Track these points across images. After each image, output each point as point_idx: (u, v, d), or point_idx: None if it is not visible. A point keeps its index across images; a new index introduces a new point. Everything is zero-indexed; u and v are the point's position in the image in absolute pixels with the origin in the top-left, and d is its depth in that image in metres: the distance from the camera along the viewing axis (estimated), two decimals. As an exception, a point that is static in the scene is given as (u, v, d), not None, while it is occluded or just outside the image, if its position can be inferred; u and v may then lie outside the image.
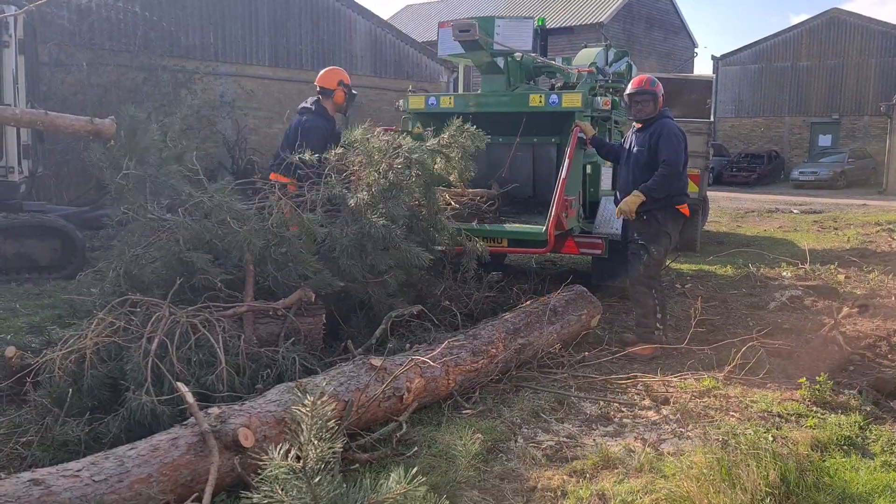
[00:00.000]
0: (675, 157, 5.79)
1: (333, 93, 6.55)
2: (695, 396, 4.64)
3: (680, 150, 5.86)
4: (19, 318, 6.38)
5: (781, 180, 30.65)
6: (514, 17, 7.98)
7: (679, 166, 5.84)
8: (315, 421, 2.09)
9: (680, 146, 5.86)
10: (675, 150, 5.80)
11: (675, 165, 5.78)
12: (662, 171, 5.76)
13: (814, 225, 15.22)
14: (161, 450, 3.06)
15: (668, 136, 5.84)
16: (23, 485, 2.70)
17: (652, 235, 5.87)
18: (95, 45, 14.28)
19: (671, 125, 5.94)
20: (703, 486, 3.21)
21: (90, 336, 4.01)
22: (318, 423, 2.09)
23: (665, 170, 5.76)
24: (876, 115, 29.66)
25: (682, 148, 5.90)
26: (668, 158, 5.77)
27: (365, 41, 20.35)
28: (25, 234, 8.18)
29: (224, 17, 17.07)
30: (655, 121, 5.96)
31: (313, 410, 2.10)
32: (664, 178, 5.76)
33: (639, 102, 6.01)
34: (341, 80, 6.58)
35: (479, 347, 4.79)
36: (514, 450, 3.88)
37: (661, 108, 6.02)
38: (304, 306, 4.93)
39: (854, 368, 5.26)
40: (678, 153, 5.83)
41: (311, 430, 2.09)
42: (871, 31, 31.71)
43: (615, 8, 33.41)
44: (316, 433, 2.09)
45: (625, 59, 9.30)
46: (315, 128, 6.29)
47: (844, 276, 8.59)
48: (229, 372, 3.97)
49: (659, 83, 6.07)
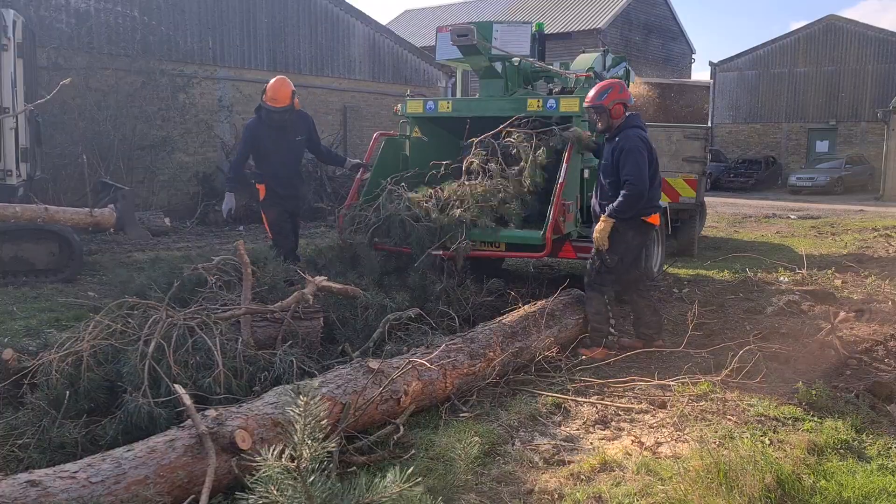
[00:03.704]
0: (638, 174, 5.54)
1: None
2: (692, 400, 4.64)
3: (642, 166, 5.59)
4: (16, 321, 6.37)
5: (779, 186, 30.70)
6: (512, 22, 8.01)
7: (642, 184, 5.57)
8: (308, 420, 2.10)
9: (642, 161, 5.60)
10: (636, 167, 5.54)
11: (637, 184, 5.53)
12: (625, 191, 5.55)
13: (811, 230, 15.24)
14: (158, 451, 3.06)
15: (629, 151, 5.58)
16: (20, 486, 2.70)
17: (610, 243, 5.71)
18: (94, 50, 14.29)
19: (633, 138, 5.65)
20: (700, 490, 3.21)
21: (87, 339, 4.02)
22: (311, 423, 2.09)
23: (628, 190, 5.54)
24: (873, 121, 29.75)
25: (646, 161, 5.63)
26: (630, 178, 5.54)
27: (363, 46, 20.38)
28: (23, 238, 8.17)
29: (222, 22, 17.09)
30: (620, 132, 5.74)
31: (306, 410, 2.10)
32: (628, 198, 5.55)
33: (593, 115, 5.86)
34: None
35: (476, 351, 4.79)
36: (511, 453, 3.88)
37: (623, 118, 5.76)
38: (302, 309, 4.93)
39: (851, 372, 5.26)
40: (640, 169, 5.56)
41: (304, 429, 2.09)
42: (867, 37, 31.82)
43: (613, 14, 33.51)
44: (309, 433, 2.09)
45: (622, 64, 9.33)
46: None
47: (841, 281, 8.61)
48: (226, 374, 3.97)
49: (615, 92, 5.79)
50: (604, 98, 5.77)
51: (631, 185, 5.54)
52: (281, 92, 6.42)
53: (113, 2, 15.00)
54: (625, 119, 5.80)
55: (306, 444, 2.08)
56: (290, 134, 6.65)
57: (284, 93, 6.43)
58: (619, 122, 5.79)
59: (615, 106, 5.76)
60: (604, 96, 5.77)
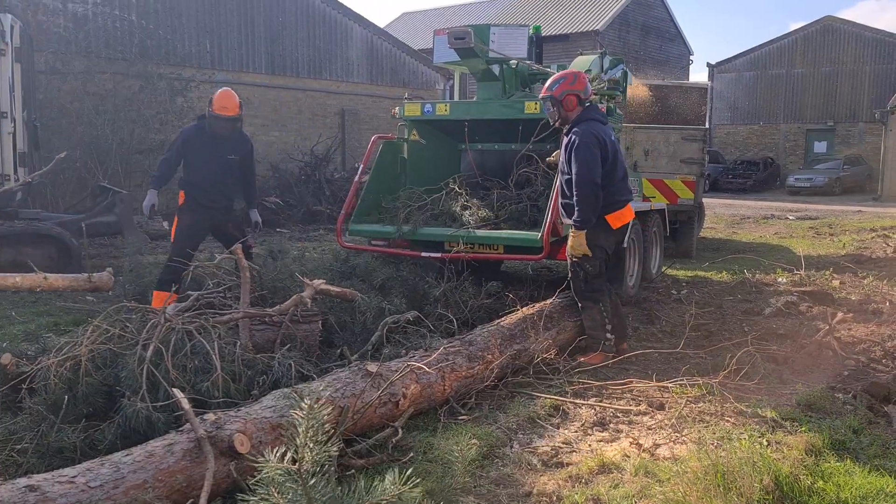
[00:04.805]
0: (586, 175, 5.26)
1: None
2: (690, 401, 4.64)
3: (592, 164, 5.28)
4: (15, 325, 6.37)
5: (777, 187, 30.76)
6: (509, 25, 8.03)
7: (593, 182, 5.28)
8: (311, 424, 2.10)
9: (590, 157, 5.28)
10: (583, 164, 5.26)
11: (587, 185, 5.26)
12: (577, 195, 5.32)
13: (809, 231, 15.26)
14: (157, 456, 3.06)
15: (577, 150, 5.29)
16: (18, 491, 2.69)
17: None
18: (92, 54, 14.30)
19: (584, 132, 5.33)
20: (699, 491, 3.21)
21: (85, 343, 4.02)
22: (314, 426, 2.10)
23: (578, 193, 5.31)
24: (871, 121, 29.80)
25: (596, 157, 5.31)
26: (578, 179, 5.28)
27: (361, 49, 20.40)
28: (21, 242, 8.18)
29: (220, 26, 17.11)
30: (573, 126, 5.44)
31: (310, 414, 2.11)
32: (582, 202, 5.30)
33: (549, 107, 5.55)
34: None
35: (474, 353, 4.80)
36: (509, 455, 3.88)
37: (576, 111, 5.49)
38: (301, 313, 4.94)
39: (849, 373, 5.27)
40: (589, 166, 5.26)
41: (307, 433, 2.10)
42: (864, 38, 31.89)
43: (611, 16, 33.57)
44: (312, 436, 2.09)
45: (620, 66, 9.35)
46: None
47: (839, 282, 8.62)
48: (225, 378, 3.97)
49: (566, 83, 5.48)
50: (554, 89, 5.50)
51: (579, 185, 5.29)
52: (231, 101, 6.26)
53: (111, 6, 15.03)
54: (580, 112, 5.51)
55: (308, 447, 2.08)
56: (226, 150, 6.39)
57: (234, 102, 6.28)
58: (573, 114, 5.51)
59: (567, 97, 5.47)
60: (554, 87, 5.51)
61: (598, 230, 5.49)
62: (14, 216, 8.38)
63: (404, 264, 6.86)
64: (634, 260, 7.80)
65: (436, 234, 7.03)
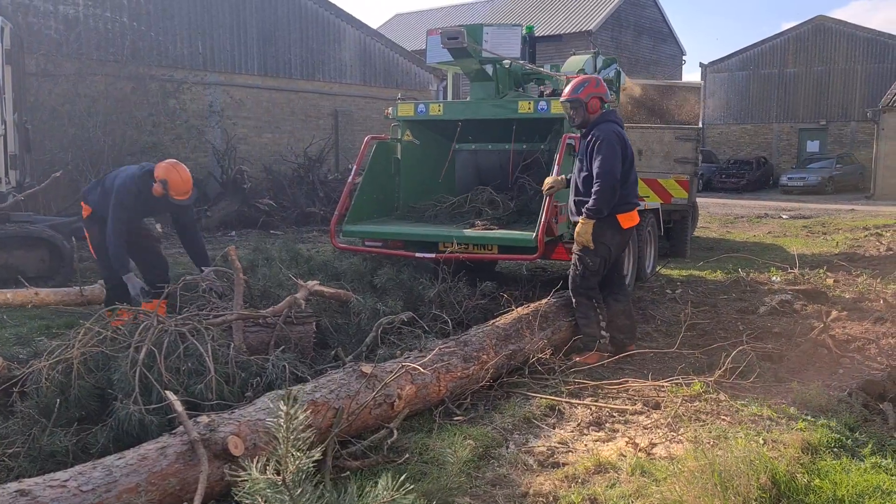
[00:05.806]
0: (609, 169, 5.45)
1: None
2: (686, 401, 4.64)
3: (614, 160, 5.49)
4: (6, 328, 6.33)
5: (770, 186, 30.84)
6: (502, 25, 8.01)
7: (614, 177, 5.48)
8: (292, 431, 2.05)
9: (614, 154, 5.50)
10: (608, 160, 5.46)
11: (609, 178, 5.45)
12: (597, 186, 5.48)
13: (803, 230, 15.30)
14: (149, 459, 3.03)
15: (601, 145, 5.50)
16: (9, 495, 2.67)
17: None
18: (83, 56, 14.23)
19: (607, 131, 5.56)
20: (695, 490, 3.20)
21: (77, 346, 3.99)
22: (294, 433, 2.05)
23: (598, 184, 5.46)
24: (863, 120, 29.91)
25: (618, 155, 5.53)
26: (600, 171, 5.45)
27: (354, 50, 20.36)
28: (13, 245, 8.13)
29: (212, 27, 17.05)
30: (595, 126, 5.65)
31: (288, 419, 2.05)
32: (601, 193, 5.47)
33: (569, 110, 5.79)
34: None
35: (469, 354, 4.78)
36: (505, 456, 3.87)
37: (598, 113, 5.69)
38: (295, 314, 4.91)
39: (843, 371, 5.28)
40: (612, 162, 5.47)
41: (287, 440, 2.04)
42: (856, 37, 32.01)
43: (603, 16, 33.59)
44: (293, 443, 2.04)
45: (613, 66, 9.36)
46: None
47: (833, 281, 8.63)
48: (218, 381, 3.95)
49: (591, 86, 5.71)
50: (580, 91, 5.69)
51: (600, 178, 5.45)
52: (188, 184, 5.71)
53: (102, 7, 14.95)
54: (601, 114, 5.72)
55: (291, 454, 2.03)
56: (162, 208, 5.97)
57: (190, 184, 5.75)
58: (595, 116, 5.71)
59: (592, 100, 5.68)
60: (580, 90, 5.69)
61: (607, 226, 5.59)
62: (6, 219, 8.33)
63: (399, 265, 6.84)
64: (629, 259, 7.79)
65: (430, 235, 7.01)
